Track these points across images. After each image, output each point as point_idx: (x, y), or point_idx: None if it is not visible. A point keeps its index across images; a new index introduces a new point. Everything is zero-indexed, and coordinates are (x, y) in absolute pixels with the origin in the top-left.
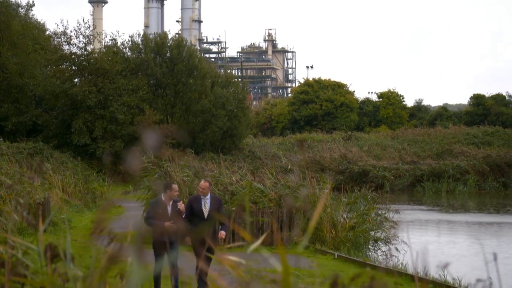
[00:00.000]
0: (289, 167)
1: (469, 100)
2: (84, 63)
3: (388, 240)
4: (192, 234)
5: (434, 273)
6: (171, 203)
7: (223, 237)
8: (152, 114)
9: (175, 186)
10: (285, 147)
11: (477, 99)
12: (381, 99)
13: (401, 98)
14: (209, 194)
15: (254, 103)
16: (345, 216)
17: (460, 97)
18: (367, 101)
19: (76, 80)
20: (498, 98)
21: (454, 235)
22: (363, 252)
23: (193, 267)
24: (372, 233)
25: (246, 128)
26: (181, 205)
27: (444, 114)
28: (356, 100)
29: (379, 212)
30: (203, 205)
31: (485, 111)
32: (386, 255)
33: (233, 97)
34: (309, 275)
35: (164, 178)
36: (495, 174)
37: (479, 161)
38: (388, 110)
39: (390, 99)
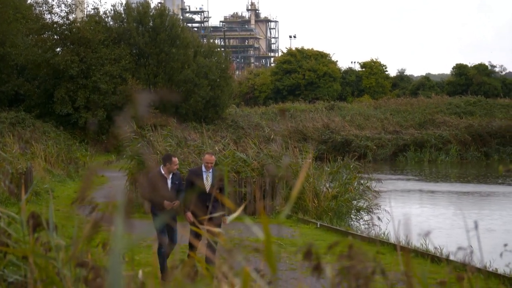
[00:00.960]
0: (272, 136)
1: (451, 70)
2: (66, 32)
3: (370, 210)
4: (193, 209)
5: (416, 242)
6: (170, 176)
7: (226, 222)
8: (134, 84)
9: (175, 159)
10: (268, 117)
11: (459, 69)
12: (363, 69)
13: (383, 68)
14: (211, 168)
15: (237, 72)
16: (327, 185)
17: (442, 67)
18: (350, 70)
19: (58, 49)
20: (481, 68)
21: (436, 205)
22: (345, 221)
23: (184, 240)
24: (355, 202)
25: (228, 97)
26: (189, 216)
27: (426, 84)
28: (339, 69)
29: (362, 182)
30: (205, 179)
31: (468, 81)
32: (368, 224)
33: (215, 67)
34: (291, 244)
35: (147, 146)
36: (477, 143)
37: (461, 131)
38: (370, 80)
39: (373, 68)
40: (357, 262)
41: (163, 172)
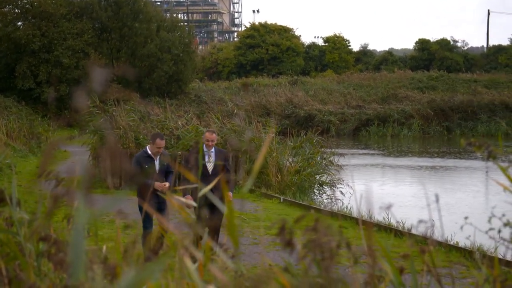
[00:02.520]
0: (235, 111)
1: (414, 45)
2: (27, 6)
3: (333, 184)
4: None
5: (379, 216)
6: (158, 157)
7: (230, 199)
8: (97, 58)
9: (160, 142)
10: (231, 92)
11: (422, 44)
12: (327, 44)
13: (347, 42)
14: (213, 147)
15: (200, 47)
16: (290, 160)
17: (405, 42)
18: (313, 45)
19: (20, 23)
20: (443, 43)
21: (398, 179)
22: (308, 196)
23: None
24: (318, 177)
25: (192, 72)
26: (188, 198)
27: (389, 58)
28: (302, 44)
29: (324, 156)
30: (207, 159)
31: (430, 56)
32: (331, 198)
33: (179, 42)
34: (254, 219)
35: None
36: (439, 118)
37: (423, 105)
38: (334, 54)
39: (336, 43)
40: (322, 235)
41: (149, 153)
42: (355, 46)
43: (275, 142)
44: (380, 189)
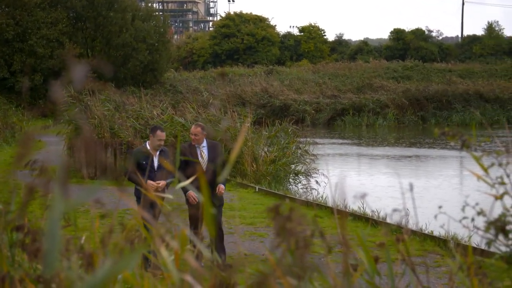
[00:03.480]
0: (210, 101)
1: (389, 34)
2: None
3: (309, 174)
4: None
5: (354, 206)
6: (157, 153)
7: (223, 191)
8: (72, 48)
9: (161, 133)
10: (207, 81)
11: (397, 34)
12: (302, 34)
13: (322, 32)
14: (205, 141)
15: (176, 37)
16: (266, 150)
17: (380, 32)
18: (288, 35)
19: None
20: (418, 33)
21: (373, 168)
22: (283, 185)
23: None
24: (293, 166)
25: (167, 62)
26: (192, 196)
27: (364, 48)
28: (278, 34)
29: (300, 146)
30: (199, 155)
31: (405, 45)
32: (306, 188)
33: (154, 31)
34: (230, 208)
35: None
36: (414, 108)
37: (398, 95)
38: (309, 44)
39: (311, 33)
40: (297, 224)
41: (148, 148)
42: (330, 36)
43: (250, 132)
44: (356, 179)
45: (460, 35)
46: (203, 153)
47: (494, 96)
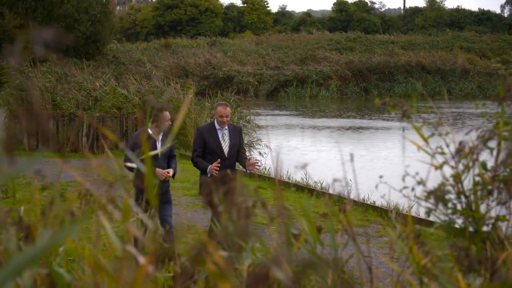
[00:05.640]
0: (153, 72)
1: (332, 6)
2: None
3: (252, 145)
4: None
5: (297, 177)
6: (160, 137)
7: (254, 169)
8: (12, 19)
9: (166, 113)
10: (150, 53)
11: (340, 5)
12: (245, 5)
13: (265, 3)
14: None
15: (118, 8)
16: (208, 121)
17: (323, 3)
18: (231, 6)
19: None
20: (361, 5)
21: (317, 140)
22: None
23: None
24: None
25: (109, 33)
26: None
27: (308, 20)
28: (221, 5)
29: (242, 116)
30: (221, 139)
31: (348, 17)
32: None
33: (96, 2)
34: (173, 180)
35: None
36: (357, 79)
37: (341, 66)
38: (252, 15)
39: (255, 4)
40: (239, 195)
41: (150, 132)
42: (273, 7)
43: (193, 103)
44: (299, 150)
45: (402, 7)
46: (225, 136)
47: (436, 67)
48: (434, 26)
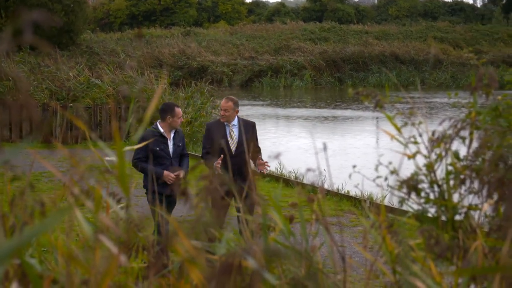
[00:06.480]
0: (127, 62)
1: None
2: None
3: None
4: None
5: (272, 167)
6: (172, 135)
7: (266, 168)
8: None
9: (178, 110)
10: (124, 43)
11: None
12: None
13: None
14: (236, 119)
15: None
16: (183, 110)
17: None
18: None
19: None
20: None
21: (291, 129)
22: (201, 147)
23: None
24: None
25: (83, 23)
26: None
27: (282, 10)
28: None
29: (215, 106)
30: (228, 135)
31: (322, 7)
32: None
33: None
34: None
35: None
36: (331, 69)
37: (315, 56)
38: (226, 5)
39: None
40: (215, 184)
41: (162, 131)
42: None
43: (167, 93)
44: (273, 139)
45: None
46: (233, 132)
47: (409, 57)
48: (408, 16)
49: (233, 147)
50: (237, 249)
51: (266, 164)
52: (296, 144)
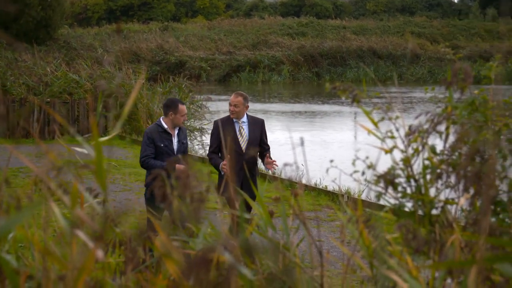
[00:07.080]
0: (105, 57)
1: None
2: None
3: (204, 130)
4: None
5: None
6: (176, 132)
7: (274, 167)
8: None
9: (182, 107)
10: (101, 38)
11: None
12: None
13: None
14: (245, 116)
15: None
16: (161, 106)
17: None
18: None
19: None
20: None
21: (268, 124)
22: None
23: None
24: (187, 122)
25: (61, 18)
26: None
27: (260, 5)
28: None
29: (193, 101)
30: (237, 132)
31: (300, 2)
32: (201, 144)
33: None
34: (125, 165)
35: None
36: (309, 64)
37: (293, 51)
38: (204, 0)
39: None
40: (194, 180)
41: (165, 127)
42: None
43: (145, 88)
44: None
45: None
46: (243, 130)
47: (387, 52)
48: (386, 11)
49: (243, 145)
50: (213, 243)
51: (274, 163)
52: (274, 138)
